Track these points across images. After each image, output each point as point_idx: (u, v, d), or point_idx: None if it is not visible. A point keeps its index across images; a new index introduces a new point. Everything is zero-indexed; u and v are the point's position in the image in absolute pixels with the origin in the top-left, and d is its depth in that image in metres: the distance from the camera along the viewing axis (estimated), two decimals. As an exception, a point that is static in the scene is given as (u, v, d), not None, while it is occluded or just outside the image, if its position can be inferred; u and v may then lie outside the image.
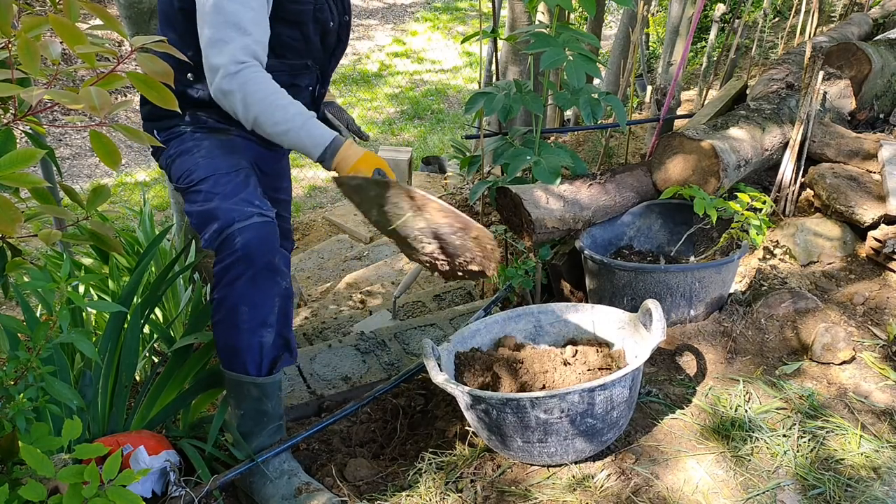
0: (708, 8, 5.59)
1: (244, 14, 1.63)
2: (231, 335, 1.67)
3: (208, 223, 1.63)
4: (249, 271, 1.61)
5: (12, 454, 1.28)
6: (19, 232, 1.06)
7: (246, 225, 1.60)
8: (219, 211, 1.62)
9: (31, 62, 1.01)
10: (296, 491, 1.70)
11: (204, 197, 1.67)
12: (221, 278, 1.63)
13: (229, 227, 1.60)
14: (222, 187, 1.67)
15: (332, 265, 4.23)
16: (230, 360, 1.70)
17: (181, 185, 1.75)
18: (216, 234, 1.61)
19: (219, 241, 1.61)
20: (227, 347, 1.69)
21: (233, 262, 1.60)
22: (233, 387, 1.73)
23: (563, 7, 2.16)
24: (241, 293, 1.62)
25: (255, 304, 1.64)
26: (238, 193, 1.66)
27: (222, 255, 1.61)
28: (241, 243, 1.59)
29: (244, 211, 1.62)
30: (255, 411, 1.74)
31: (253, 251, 1.60)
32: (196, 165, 1.72)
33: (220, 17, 1.62)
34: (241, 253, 1.59)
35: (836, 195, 2.41)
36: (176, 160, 1.78)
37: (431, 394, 2.15)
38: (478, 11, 5.31)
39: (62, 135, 6.81)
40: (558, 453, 1.63)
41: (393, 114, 7.92)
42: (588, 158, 3.74)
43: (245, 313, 1.64)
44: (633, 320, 1.83)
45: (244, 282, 1.61)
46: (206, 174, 1.70)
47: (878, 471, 1.63)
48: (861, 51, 2.85)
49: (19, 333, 1.51)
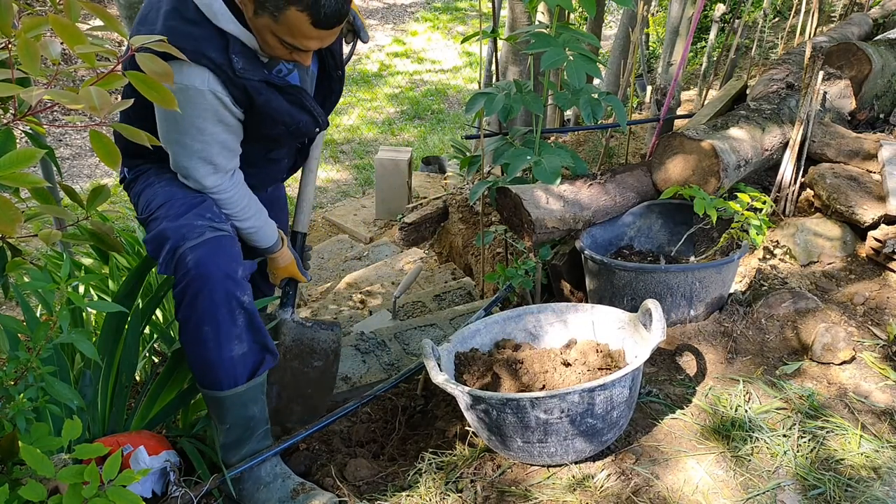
0: (708, 8, 5.59)
1: (209, 150, 1.63)
2: (199, 355, 1.64)
3: (161, 246, 1.59)
4: (205, 289, 1.56)
5: (12, 454, 1.28)
6: (19, 232, 1.05)
7: (197, 242, 1.57)
8: (168, 231, 1.58)
9: (31, 62, 1.01)
10: (291, 493, 1.70)
11: (158, 223, 1.63)
12: (181, 300, 1.59)
13: (180, 246, 1.56)
14: (176, 210, 1.63)
15: (332, 265, 4.23)
16: (204, 377, 1.67)
17: (142, 217, 1.71)
18: (169, 255, 1.57)
19: (174, 263, 1.57)
20: (198, 367, 1.66)
21: (188, 282, 1.56)
22: (212, 403, 1.70)
23: (563, 7, 2.16)
24: (202, 313, 1.58)
25: (218, 321, 1.60)
26: (190, 210, 1.62)
27: (178, 277, 1.57)
28: (192, 262, 1.55)
29: (194, 226, 1.59)
30: (241, 419, 1.71)
31: (207, 268, 1.56)
32: (155, 194, 1.70)
33: (184, 151, 1.63)
34: (194, 272, 1.55)
35: (837, 195, 2.41)
36: (141, 195, 1.75)
37: (431, 394, 2.15)
38: (478, 11, 5.31)
39: (62, 135, 6.81)
40: (558, 453, 1.63)
41: (393, 114, 7.92)
42: (588, 158, 3.74)
43: (209, 332, 1.60)
44: (633, 320, 1.83)
45: (202, 301, 1.57)
46: (163, 200, 1.67)
47: (878, 471, 1.63)
48: (861, 51, 2.85)
49: (19, 333, 1.51)
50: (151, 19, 1.57)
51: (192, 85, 1.54)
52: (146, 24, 1.57)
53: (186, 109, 1.56)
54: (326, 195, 6.20)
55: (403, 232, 4.36)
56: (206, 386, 1.68)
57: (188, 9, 1.54)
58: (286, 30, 1.52)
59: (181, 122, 1.59)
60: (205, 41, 1.54)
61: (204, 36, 1.54)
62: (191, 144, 1.62)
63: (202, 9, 1.53)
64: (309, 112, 1.74)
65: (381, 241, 4.44)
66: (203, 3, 1.53)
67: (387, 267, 3.79)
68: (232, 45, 1.56)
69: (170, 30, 1.52)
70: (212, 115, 1.60)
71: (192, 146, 1.62)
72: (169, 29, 1.52)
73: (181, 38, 1.51)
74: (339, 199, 6.01)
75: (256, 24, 1.55)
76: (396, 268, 3.76)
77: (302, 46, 1.56)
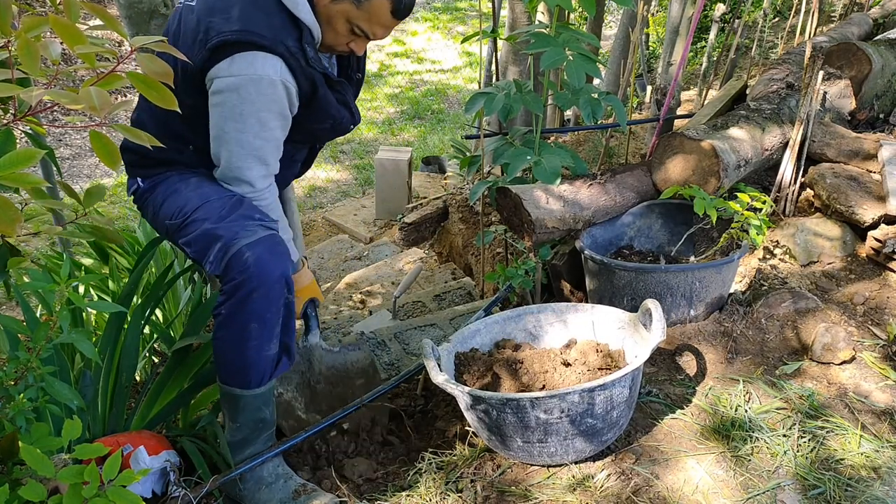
0: (708, 8, 5.59)
1: (266, 147, 1.64)
2: (237, 352, 1.63)
3: (210, 245, 1.58)
4: (263, 287, 1.56)
5: (12, 454, 1.28)
6: (19, 232, 1.05)
7: (254, 240, 1.56)
8: (219, 230, 1.58)
9: (31, 62, 1.01)
10: (293, 493, 1.70)
11: (199, 224, 1.62)
12: (232, 294, 1.57)
13: (234, 243, 1.56)
14: (217, 211, 1.63)
15: (332, 265, 4.23)
16: (231, 375, 1.67)
17: (175, 222, 1.68)
18: (221, 252, 1.57)
19: (226, 261, 1.56)
20: (232, 364, 1.65)
21: (245, 279, 1.55)
22: (230, 400, 1.70)
23: (563, 7, 2.16)
24: (253, 309, 1.58)
25: (266, 319, 1.60)
26: (235, 210, 1.62)
27: (233, 274, 1.56)
28: (252, 259, 1.55)
29: (246, 225, 1.59)
30: (252, 420, 1.72)
31: (267, 267, 1.56)
32: (187, 199, 1.67)
33: (241, 150, 1.62)
34: (253, 269, 1.55)
35: (837, 195, 2.41)
36: (165, 202, 1.72)
37: (431, 394, 2.15)
38: (478, 11, 5.31)
39: (62, 135, 6.81)
40: (558, 453, 1.63)
41: (393, 114, 7.92)
42: (588, 158, 3.74)
43: (255, 330, 1.60)
44: (633, 320, 1.83)
45: (257, 298, 1.57)
46: (198, 203, 1.65)
47: (878, 471, 1.63)
48: (861, 51, 2.85)
49: (19, 334, 1.51)
50: (221, 7, 1.57)
51: (265, 75, 1.55)
52: (216, 13, 1.57)
53: (255, 101, 1.56)
54: (326, 195, 6.20)
55: (403, 232, 4.36)
56: (232, 384, 1.67)
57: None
58: (365, 16, 1.58)
59: (245, 116, 1.58)
60: (282, 30, 1.57)
61: (281, 25, 1.57)
62: (251, 141, 1.61)
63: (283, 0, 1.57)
64: (348, 107, 1.78)
65: (381, 241, 4.44)
66: None
67: (387, 267, 3.79)
68: (305, 35, 1.60)
69: (248, 18, 1.54)
70: (277, 108, 1.61)
71: (251, 143, 1.61)
72: (247, 17, 1.54)
73: (260, 26, 1.54)
74: (339, 199, 6.01)
75: (332, 11, 1.59)
76: (396, 268, 3.76)
77: (371, 34, 1.63)
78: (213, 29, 1.54)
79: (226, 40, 1.52)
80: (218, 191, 1.69)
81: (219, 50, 1.53)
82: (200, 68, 1.56)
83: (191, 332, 1.98)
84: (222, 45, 1.53)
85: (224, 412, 1.74)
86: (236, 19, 1.54)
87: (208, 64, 1.55)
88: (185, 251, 1.69)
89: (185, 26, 1.62)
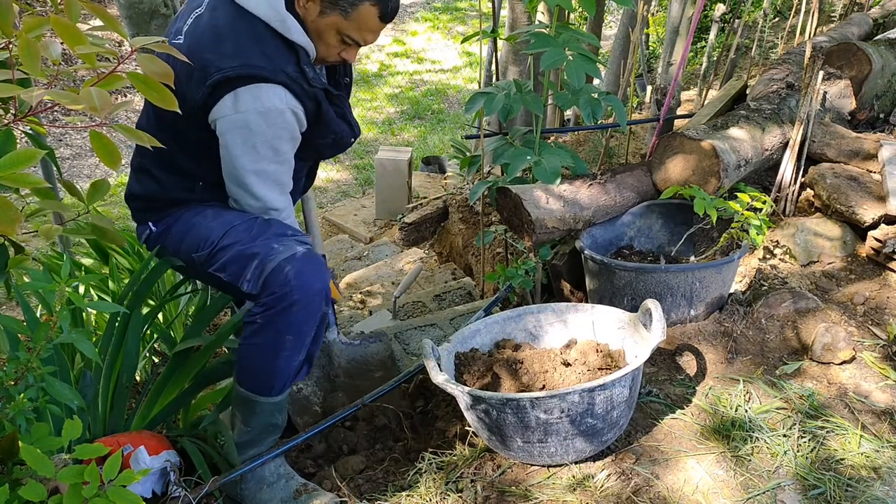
0: (708, 8, 5.59)
1: (281, 170, 1.66)
2: (267, 361, 1.63)
3: (246, 265, 1.58)
4: (303, 300, 1.57)
5: (12, 454, 1.28)
6: (19, 232, 1.06)
7: (291, 255, 1.57)
8: (254, 248, 1.59)
9: (32, 62, 1.01)
10: (294, 493, 1.70)
11: (230, 249, 1.62)
12: (272, 307, 1.57)
13: (271, 259, 1.56)
14: (245, 232, 1.63)
15: (332, 265, 4.23)
16: (255, 381, 1.67)
17: (202, 254, 1.67)
18: (258, 270, 1.57)
19: (264, 277, 1.56)
20: (257, 370, 1.65)
21: (287, 292, 1.55)
22: (246, 404, 1.70)
23: (563, 7, 2.16)
24: (292, 322, 1.58)
25: (302, 332, 1.61)
26: (265, 233, 1.63)
27: (273, 288, 1.56)
28: (293, 273, 1.55)
29: (282, 241, 1.60)
30: (263, 425, 1.73)
31: (308, 281, 1.57)
32: (210, 230, 1.67)
33: (259, 180, 1.63)
34: (295, 282, 1.55)
35: (837, 195, 2.41)
36: (185, 238, 1.71)
37: (431, 394, 2.15)
38: (478, 11, 5.31)
39: (62, 135, 6.81)
40: (558, 453, 1.63)
41: (393, 114, 7.92)
42: (588, 158, 3.74)
43: (290, 342, 1.61)
44: (633, 320, 1.83)
45: (298, 311, 1.57)
46: (222, 230, 1.65)
47: (878, 471, 1.63)
48: (861, 51, 2.85)
49: (19, 334, 1.51)
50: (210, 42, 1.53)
51: (272, 106, 1.55)
52: (207, 49, 1.53)
53: (265, 133, 1.56)
54: (326, 195, 6.20)
55: (403, 232, 4.36)
56: (252, 390, 1.67)
57: (255, 26, 1.54)
58: (355, 25, 1.58)
59: (258, 147, 1.58)
60: (279, 57, 1.56)
61: (276, 51, 1.56)
62: (266, 169, 1.62)
63: (274, 25, 1.55)
64: (346, 120, 1.78)
65: (381, 241, 4.45)
66: (274, 20, 1.54)
67: (387, 267, 3.79)
68: (301, 57, 1.60)
69: (243, 51, 1.53)
70: (288, 134, 1.62)
71: (267, 171, 1.63)
72: (242, 50, 1.53)
73: (256, 57, 1.53)
74: (339, 199, 6.01)
75: (320, 25, 1.59)
76: (396, 268, 3.76)
77: (362, 41, 1.63)
78: (211, 66, 1.51)
79: (226, 76, 1.51)
80: (239, 216, 1.69)
81: (220, 86, 1.52)
82: (202, 105, 1.55)
83: (192, 334, 1.98)
84: (224, 81, 1.51)
85: (236, 414, 1.74)
86: (231, 54, 1.52)
87: (210, 101, 1.54)
88: (216, 279, 1.68)
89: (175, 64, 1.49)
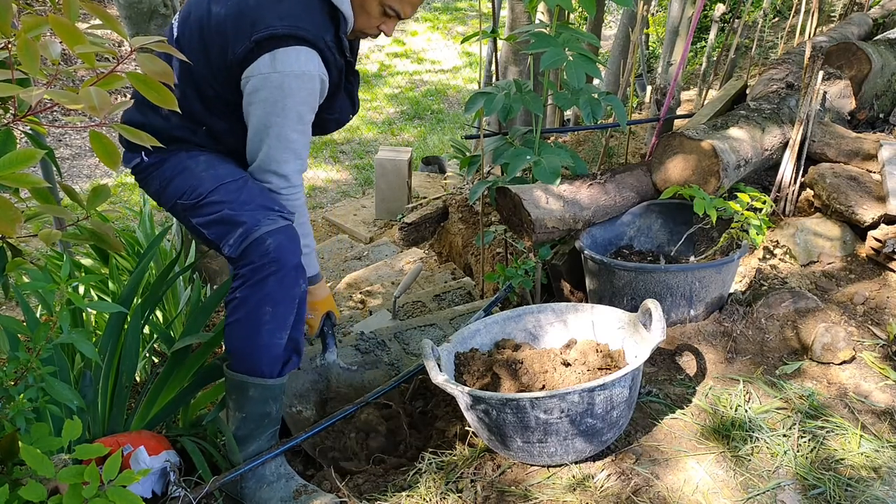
0: (708, 8, 5.58)
1: (302, 142, 1.69)
2: (249, 335, 1.66)
3: (230, 231, 1.63)
4: (280, 272, 1.62)
5: (12, 454, 1.28)
6: (19, 232, 1.05)
7: (275, 228, 1.62)
8: (241, 216, 1.63)
9: (31, 62, 1.01)
10: (294, 493, 1.70)
11: (218, 207, 1.66)
12: (249, 279, 1.62)
13: (256, 230, 1.61)
14: (235, 195, 1.67)
15: (332, 265, 4.23)
16: (243, 360, 1.69)
17: (187, 202, 1.71)
18: (241, 238, 1.62)
19: (245, 245, 1.61)
20: (243, 348, 1.68)
21: (265, 263, 1.61)
22: (239, 389, 1.72)
23: (563, 7, 2.16)
24: (268, 293, 1.62)
25: (279, 304, 1.65)
26: (254, 200, 1.67)
27: (252, 258, 1.61)
28: (273, 245, 1.61)
29: (268, 215, 1.64)
30: (258, 414, 1.73)
31: (285, 253, 1.62)
32: (199, 179, 1.70)
33: (280, 144, 1.65)
34: (273, 255, 1.60)
35: (836, 195, 2.41)
36: (174, 180, 1.73)
37: (431, 394, 2.15)
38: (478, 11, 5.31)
39: (62, 135, 6.81)
40: (558, 453, 1.63)
41: (393, 114, 7.92)
42: (588, 158, 3.74)
43: (268, 313, 1.64)
44: (633, 320, 1.83)
45: (273, 281, 1.62)
46: (213, 185, 1.68)
47: (878, 471, 1.63)
48: (861, 50, 2.85)
49: (19, 334, 1.51)
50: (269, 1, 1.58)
51: (307, 70, 1.59)
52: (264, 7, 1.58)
53: (296, 95, 1.60)
54: (326, 195, 6.20)
55: (403, 232, 4.36)
56: (242, 370, 1.70)
57: None
58: None
59: (288, 110, 1.61)
60: (323, 25, 1.61)
61: (321, 20, 1.62)
62: (289, 135, 1.65)
63: None
64: (351, 97, 1.83)
65: (381, 241, 4.44)
66: None
67: (387, 267, 3.79)
68: (341, 26, 1.65)
69: (297, 14, 1.58)
70: (312, 102, 1.65)
71: (289, 136, 1.65)
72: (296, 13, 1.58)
73: (306, 21, 1.58)
74: (339, 199, 6.01)
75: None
76: (396, 268, 3.76)
77: (402, 13, 1.68)
78: (260, 22, 1.56)
79: (274, 34, 1.55)
80: (232, 172, 1.72)
81: (263, 43, 1.56)
82: (240, 60, 1.58)
83: (190, 332, 1.98)
84: (270, 39, 1.55)
85: (229, 404, 1.76)
86: (285, 14, 1.57)
87: (250, 56, 1.57)
88: (197, 230, 1.72)
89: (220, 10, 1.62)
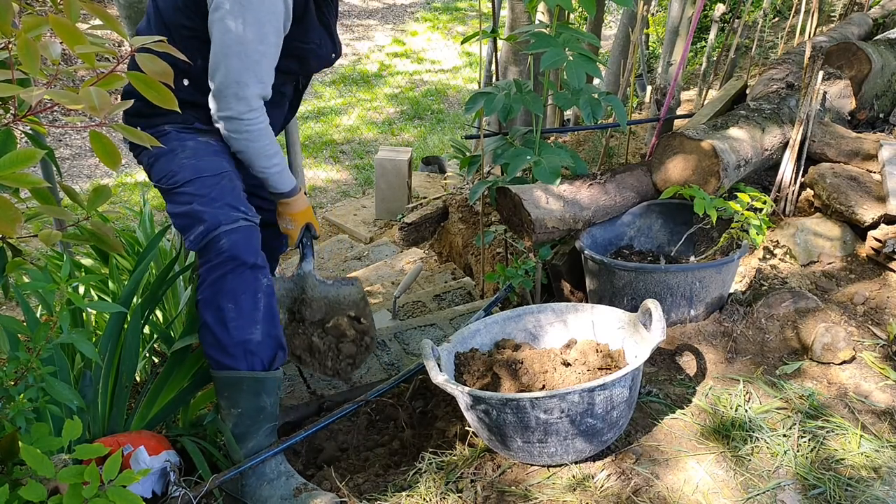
0: (708, 8, 5.58)
1: (265, 64, 1.69)
2: (223, 334, 1.69)
3: (193, 225, 1.67)
4: (235, 270, 1.66)
5: (12, 454, 1.28)
6: (19, 232, 1.06)
7: (232, 228, 1.66)
8: (205, 214, 1.67)
9: (32, 62, 1.01)
10: (294, 491, 1.70)
11: (188, 199, 1.70)
12: (206, 278, 1.67)
13: (215, 229, 1.65)
14: (207, 190, 1.70)
15: (332, 265, 4.23)
16: (220, 359, 1.71)
17: (164, 186, 1.76)
18: (201, 236, 1.66)
19: (204, 243, 1.66)
20: (216, 347, 1.71)
21: (220, 261, 1.65)
22: (227, 386, 1.73)
23: (563, 7, 2.16)
24: (228, 289, 1.66)
25: (240, 300, 1.68)
26: (223, 198, 1.70)
27: (209, 256, 1.66)
28: (227, 244, 1.65)
29: (230, 215, 1.68)
30: (252, 408, 1.74)
31: (240, 251, 1.66)
32: (180, 167, 1.74)
33: (241, 63, 1.66)
34: (228, 254, 1.65)
35: (837, 195, 2.41)
36: (159, 159, 1.78)
37: (431, 394, 2.15)
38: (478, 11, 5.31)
39: (62, 135, 6.81)
40: (558, 453, 1.63)
41: (393, 114, 7.92)
42: (588, 158, 3.74)
43: (231, 311, 1.67)
44: (633, 320, 1.83)
45: (231, 278, 1.66)
46: (190, 176, 1.72)
47: (878, 471, 1.63)
48: (861, 50, 2.85)
49: (19, 334, 1.51)
50: None
51: None
52: None
53: (257, 10, 1.61)
54: (326, 195, 6.20)
55: (403, 232, 4.36)
56: (223, 367, 1.72)
57: None
58: None
59: (247, 26, 1.62)
60: None
61: None
62: (251, 55, 1.65)
63: None
64: (328, 31, 1.84)
65: (381, 241, 4.44)
66: None
67: (387, 267, 3.79)
68: None
69: None
70: (276, 21, 1.66)
71: (251, 56, 1.66)
72: None
73: None
74: (339, 199, 6.01)
75: None
76: (396, 268, 3.76)
77: None
78: None
79: None
80: (213, 166, 1.74)
81: None
82: None
83: (190, 332, 1.98)
84: None
85: (222, 403, 1.76)
86: None
87: None
88: (168, 213, 1.77)
89: None
